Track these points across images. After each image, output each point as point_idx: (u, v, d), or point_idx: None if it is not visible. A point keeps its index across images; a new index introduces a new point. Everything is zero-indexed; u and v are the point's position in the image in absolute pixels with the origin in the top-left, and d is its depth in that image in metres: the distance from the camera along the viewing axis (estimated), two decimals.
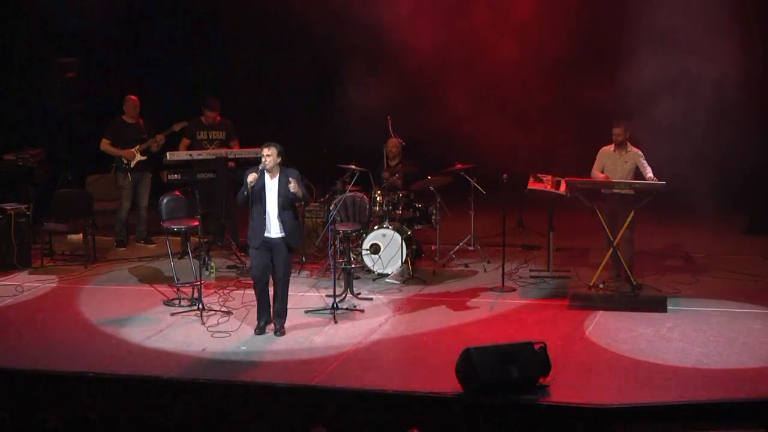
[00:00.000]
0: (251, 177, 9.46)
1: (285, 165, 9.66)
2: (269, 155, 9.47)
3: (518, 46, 13.46)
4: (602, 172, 11.18)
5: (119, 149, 13.04)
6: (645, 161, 11.07)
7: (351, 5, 13.11)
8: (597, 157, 11.30)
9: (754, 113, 13.91)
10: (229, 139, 12.82)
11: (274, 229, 9.58)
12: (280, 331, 9.72)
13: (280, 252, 9.61)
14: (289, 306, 10.57)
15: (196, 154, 12.39)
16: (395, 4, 13.20)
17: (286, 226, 9.59)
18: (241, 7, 14.87)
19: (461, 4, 14.03)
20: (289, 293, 9.82)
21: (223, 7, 15.32)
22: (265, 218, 9.56)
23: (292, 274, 11.70)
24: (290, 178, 9.46)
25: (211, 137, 12.80)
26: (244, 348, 9.45)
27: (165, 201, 11.34)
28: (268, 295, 9.77)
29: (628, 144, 11.21)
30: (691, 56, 13.48)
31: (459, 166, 12.32)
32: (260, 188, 9.53)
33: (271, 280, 9.79)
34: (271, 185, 9.56)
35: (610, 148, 11.25)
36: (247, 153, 12.58)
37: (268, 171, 9.51)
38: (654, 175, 10.87)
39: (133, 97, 13.17)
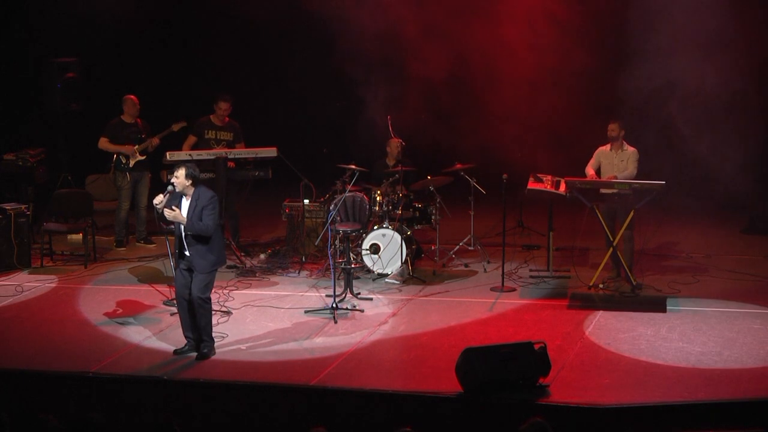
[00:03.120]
0: (157, 199, 9.08)
1: (208, 181, 9.19)
2: (177, 177, 9.04)
3: (534, 54, 13.42)
4: (596, 171, 11.21)
5: (118, 145, 13.03)
6: (636, 161, 11.10)
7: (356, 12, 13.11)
8: (593, 156, 11.34)
9: (754, 113, 13.93)
10: (236, 141, 12.79)
11: (187, 250, 9.13)
12: (200, 355, 9.12)
13: (194, 273, 9.11)
14: (289, 306, 10.62)
15: (196, 154, 12.38)
16: (403, 14, 13.19)
17: (192, 250, 9.07)
18: (242, 6, 14.85)
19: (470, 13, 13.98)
20: (213, 315, 9.36)
21: (222, 5, 15.32)
22: (181, 239, 9.12)
23: (290, 275, 11.82)
24: (165, 208, 9.00)
25: (218, 137, 12.76)
26: (244, 348, 9.45)
27: None
28: (187, 313, 9.19)
29: (625, 143, 11.23)
30: (692, 57, 13.52)
31: (459, 166, 12.32)
32: (166, 208, 9.06)
33: None
34: (184, 207, 9.11)
35: (607, 147, 11.28)
36: (247, 153, 12.60)
37: (180, 192, 9.09)
38: (636, 175, 11.00)
39: (133, 96, 13.16)
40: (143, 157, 13.13)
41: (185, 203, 9.12)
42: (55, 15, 14.58)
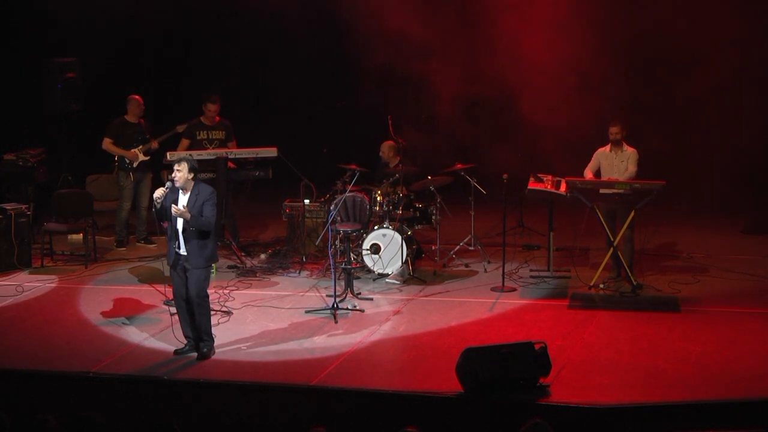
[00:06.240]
0: (158, 192, 9.04)
1: (207, 181, 9.16)
2: (179, 170, 9.00)
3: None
4: (595, 173, 11.23)
5: (122, 149, 13.04)
6: (637, 161, 11.10)
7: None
8: (593, 157, 11.34)
9: (755, 112, 13.95)
10: (228, 140, 12.82)
11: (182, 247, 9.08)
12: (200, 355, 9.12)
13: (189, 271, 9.08)
14: (289, 306, 10.63)
15: (197, 154, 12.36)
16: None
17: (189, 245, 9.04)
18: (243, 5, 14.86)
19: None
20: (212, 314, 9.41)
21: (222, 5, 15.33)
22: (176, 235, 9.08)
23: (291, 275, 11.83)
24: (173, 206, 8.95)
25: (210, 137, 12.80)
26: (244, 348, 9.45)
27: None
28: (187, 313, 9.20)
29: (624, 144, 11.24)
30: (693, 55, 13.54)
31: (459, 166, 12.32)
32: (173, 204, 9.02)
33: None
34: (182, 201, 9.05)
35: (607, 148, 11.29)
36: (247, 153, 12.61)
37: (180, 187, 9.07)
38: (637, 175, 10.98)
39: (137, 97, 13.17)
40: (147, 158, 13.15)
41: (183, 198, 9.09)
42: (55, 15, 14.56)
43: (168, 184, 9.12)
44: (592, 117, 12.39)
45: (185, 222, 9.02)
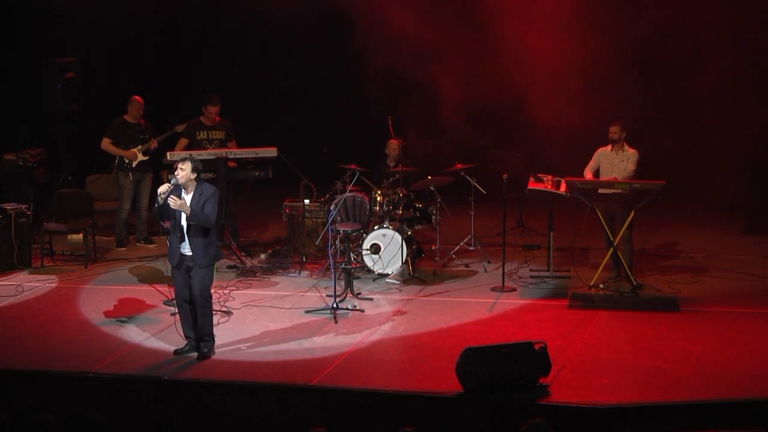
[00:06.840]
0: (162, 188, 9.00)
1: (209, 181, 9.13)
2: (183, 169, 8.98)
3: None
4: (594, 173, 11.23)
5: (121, 149, 13.04)
6: (636, 161, 11.09)
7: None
8: (593, 157, 11.34)
9: (755, 112, 13.95)
10: (228, 140, 12.82)
11: (186, 247, 9.06)
12: (200, 355, 9.11)
13: (194, 270, 9.06)
14: (289, 306, 10.62)
15: (197, 154, 12.34)
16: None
17: (193, 244, 9.02)
18: (243, 6, 14.86)
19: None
20: (213, 314, 9.39)
21: (223, 6, 15.33)
22: (180, 235, 9.06)
23: (291, 275, 11.83)
24: (171, 197, 8.92)
25: (210, 137, 12.79)
26: (244, 348, 9.45)
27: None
28: (188, 313, 9.20)
29: (625, 144, 11.24)
30: (694, 56, 13.54)
31: (459, 166, 12.32)
32: (172, 195, 9.00)
33: None
34: (185, 200, 9.01)
35: (607, 148, 11.29)
36: (247, 153, 12.61)
37: (182, 186, 9.04)
38: (635, 176, 10.97)
39: (139, 98, 13.16)
40: (146, 158, 13.15)
41: (186, 197, 9.06)
42: (55, 15, 14.57)
43: (173, 180, 9.09)
44: (594, 118, 12.39)
45: (187, 218, 9.02)
